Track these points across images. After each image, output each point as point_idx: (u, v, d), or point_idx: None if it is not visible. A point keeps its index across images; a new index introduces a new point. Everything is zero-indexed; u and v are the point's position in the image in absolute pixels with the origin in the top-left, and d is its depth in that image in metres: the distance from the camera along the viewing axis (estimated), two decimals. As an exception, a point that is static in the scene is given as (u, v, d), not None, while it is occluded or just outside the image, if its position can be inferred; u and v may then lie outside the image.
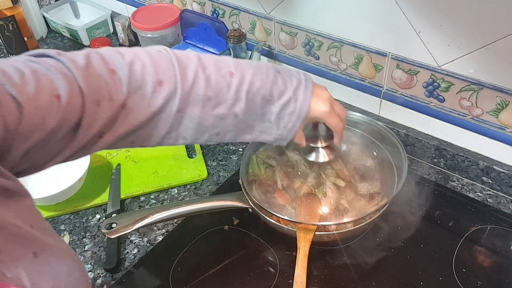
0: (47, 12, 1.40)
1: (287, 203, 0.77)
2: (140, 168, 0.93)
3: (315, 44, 0.97)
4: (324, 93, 0.67)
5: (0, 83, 0.46)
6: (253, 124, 0.65)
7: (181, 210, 0.75)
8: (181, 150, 0.97)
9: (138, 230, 0.81)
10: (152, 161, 0.95)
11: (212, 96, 0.60)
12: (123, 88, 0.55)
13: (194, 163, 0.94)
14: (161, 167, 0.93)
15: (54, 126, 0.49)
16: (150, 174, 0.92)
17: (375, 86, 0.93)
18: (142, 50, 0.59)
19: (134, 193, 0.89)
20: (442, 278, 0.72)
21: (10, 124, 0.45)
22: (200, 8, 1.15)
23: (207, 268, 0.75)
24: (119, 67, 0.56)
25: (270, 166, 0.83)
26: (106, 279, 0.75)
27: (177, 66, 0.58)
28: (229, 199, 0.77)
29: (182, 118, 0.60)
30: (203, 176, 0.92)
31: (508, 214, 0.82)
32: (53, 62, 0.52)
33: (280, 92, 0.63)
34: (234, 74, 0.61)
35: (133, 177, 0.92)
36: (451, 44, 0.77)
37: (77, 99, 0.51)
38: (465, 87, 0.81)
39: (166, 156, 0.95)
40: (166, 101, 0.58)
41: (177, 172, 0.92)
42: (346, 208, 0.75)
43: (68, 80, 0.51)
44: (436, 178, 0.90)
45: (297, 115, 0.64)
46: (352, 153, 0.85)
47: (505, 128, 0.80)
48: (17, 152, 0.47)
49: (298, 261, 0.69)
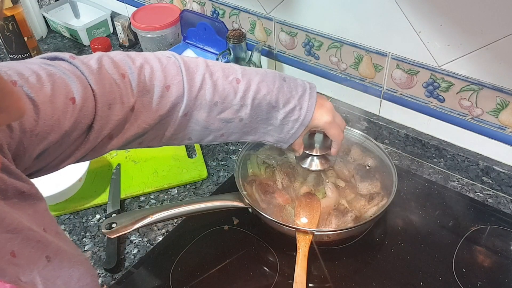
0: (47, 12, 1.40)
1: (287, 203, 0.77)
2: (140, 168, 0.93)
3: (315, 44, 0.97)
4: (327, 104, 0.69)
5: (18, 85, 0.46)
6: (257, 127, 0.66)
7: (181, 210, 0.75)
8: (181, 150, 0.97)
9: (138, 230, 0.81)
10: (152, 161, 0.95)
11: (218, 101, 0.61)
12: (134, 92, 0.56)
13: (194, 163, 0.94)
14: (161, 167, 0.93)
15: (68, 128, 0.50)
16: (150, 174, 0.92)
17: (375, 86, 0.93)
18: (151, 55, 0.61)
19: (134, 193, 0.89)
20: (442, 278, 0.72)
21: (27, 126, 0.46)
22: (200, 8, 1.15)
23: (207, 268, 0.75)
24: (129, 72, 0.57)
25: (270, 166, 0.83)
26: (106, 279, 0.75)
27: (184, 71, 0.59)
28: (229, 199, 0.77)
29: (188, 121, 0.61)
30: (203, 176, 0.92)
31: (508, 214, 0.82)
32: (68, 66, 0.53)
33: (285, 99, 0.64)
34: (240, 81, 0.62)
35: (133, 177, 0.92)
36: (451, 44, 0.77)
37: (90, 102, 0.52)
38: (465, 87, 0.81)
39: (166, 156, 0.95)
40: (173, 105, 0.59)
41: (177, 172, 0.92)
42: (346, 208, 0.75)
43: (82, 84, 0.52)
44: (436, 178, 0.90)
45: (301, 122, 0.66)
46: (352, 153, 0.85)
47: (505, 128, 0.80)
48: (32, 153, 0.48)
49: (298, 261, 0.69)
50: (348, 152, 0.85)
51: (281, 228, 0.73)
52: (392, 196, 0.75)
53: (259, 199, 0.77)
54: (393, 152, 0.96)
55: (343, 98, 1.01)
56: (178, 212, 0.74)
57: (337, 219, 0.74)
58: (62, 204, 0.87)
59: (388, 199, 0.75)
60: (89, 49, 1.35)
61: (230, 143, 1.00)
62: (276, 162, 0.83)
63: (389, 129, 0.95)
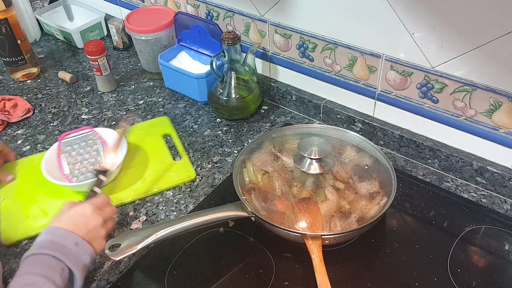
0: (41, 15, 1.39)
1: (288, 209, 0.76)
2: (127, 175, 0.93)
3: (309, 46, 0.97)
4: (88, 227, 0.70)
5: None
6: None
7: (186, 225, 0.74)
8: (166, 155, 0.97)
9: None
10: (139, 167, 0.94)
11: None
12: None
13: (181, 165, 0.95)
14: (148, 173, 0.93)
15: None
16: (138, 180, 0.92)
17: (369, 88, 0.94)
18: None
19: (123, 200, 0.88)
20: (437, 278, 0.72)
21: None
22: (194, 11, 1.15)
23: (203, 271, 0.75)
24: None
25: (266, 172, 0.83)
26: (101, 282, 0.74)
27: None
28: (232, 209, 0.77)
29: None
30: (192, 177, 0.92)
31: (502, 214, 0.82)
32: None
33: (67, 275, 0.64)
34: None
35: (121, 184, 0.91)
36: (444, 46, 0.78)
37: None
38: (458, 88, 0.81)
39: (152, 161, 0.96)
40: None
41: (166, 176, 0.92)
42: (349, 210, 0.75)
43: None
44: (430, 178, 0.90)
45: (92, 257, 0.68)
46: (348, 154, 0.85)
47: (499, 128, 0.81)
48: None
49: (316, 268, 0.70)
50: (344, 154, 0.85)
51: (287, 234, 0.73)
52: (393, 194, 0.75)
53: (259, 207, 0.76)
54: (387, 153, 0.96)
55: (338, 99, 1.01)
56: (182, 227, 0.74)
57: (342, 221, 0.74)
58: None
59: (389, 198, 0.75)
60: (83, 51, 1.35)
61: (225, 145, 1.00)
62: (272, 167, 0.83)
63: (383, 130, 0.95)
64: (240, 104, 1.04)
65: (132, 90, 1.20)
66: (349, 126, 1.00)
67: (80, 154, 0.94)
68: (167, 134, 1.03)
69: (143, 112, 1.12)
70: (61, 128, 1.08)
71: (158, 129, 1.04)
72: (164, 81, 1.17)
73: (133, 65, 1.30)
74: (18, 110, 1.12)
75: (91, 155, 0.94)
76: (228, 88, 1.03)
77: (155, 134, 1.03)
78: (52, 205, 0.87)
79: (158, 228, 0.73)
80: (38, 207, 0.87)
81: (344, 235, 0.74)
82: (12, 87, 1.23)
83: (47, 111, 1.14)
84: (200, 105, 1.13)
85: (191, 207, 0.87)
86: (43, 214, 0.86)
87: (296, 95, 1.06)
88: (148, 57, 1.18)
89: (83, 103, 1.16)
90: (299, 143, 0.82)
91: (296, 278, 0.73)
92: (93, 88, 1.21)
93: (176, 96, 1.16)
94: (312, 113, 1.06)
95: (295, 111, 1.09)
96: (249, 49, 1.03)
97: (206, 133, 1.04)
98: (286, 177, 0.81)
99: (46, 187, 0.89)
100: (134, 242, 0.71)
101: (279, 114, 1.09)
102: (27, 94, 1.20)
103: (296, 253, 0.76)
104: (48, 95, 1.20)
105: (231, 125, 1.06)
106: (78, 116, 1.11)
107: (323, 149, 0.79)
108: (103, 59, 1.13)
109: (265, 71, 1.11)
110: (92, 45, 1.11)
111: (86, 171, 0.91)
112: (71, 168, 0.92)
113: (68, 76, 1.23)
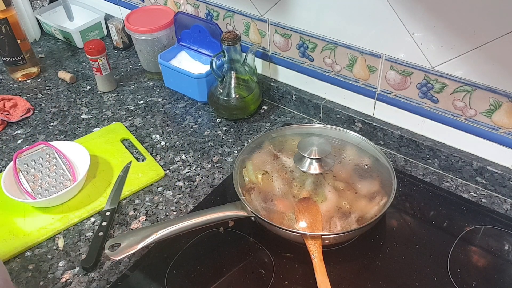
0: (41, 15, 1.39)
1: (287, 209, 0.76)
2: (95, 184, 0.92)
3: (309, 46, 0.97)
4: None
5: None
6: None
7: (186, 225, 0.73)
8: (129, 158, 0.97)
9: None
10: (104, 174, 0.94)
11: None
12: None
13: (146, 165, 0.95)
14: (115, 178, 0.92)
15: None
16: (107, 187, 0.91)
17: (369, 88, 0.94)
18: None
19: (97, 208, 0.86)
20: (437, 278, 0.72)
21: None
22: (194, 10, 1.15)
23: (203, 271, 0.75)
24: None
25: (266, 172, 0.83)
26: (101, 282, 0.75)
27: None
28: (232, 209, 0.77)
29: None
30: (161, 174, 0.93)
31: (502, 214, 0.82)
32: None
33: None
34: None
35: (92, 193, 0.89)
36: (444, 46, 0.78)
37: None
38: (458, 88, 0.81)
39: (116, 166, 0.95)
40: None
41: (134, 178, 0.92)
42: (349, 209, 0.75)
43: None
44: (430, 178, 0.90)
45: None
46: (348, 154, 0.85)
47: (498, 128, 0.81)
48: None
49: (316, 268, 0.69)
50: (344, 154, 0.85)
51: (287, 234, 0.73)
52: (393, 194, 0.75)
53: (259, 207, 0.76)
54: (387, 153, 0.96)
55: (338, 99, 1.01)
56: (182, 227, 0.73)
57: (342, 221, 0.74)
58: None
59: (389, 198, 0.75)
60: (83, 51, 1.35)
61: (225, 145, 1.00)
62: (272, 167, 0.83)
63: (383, 130, 0.95)
64: (240, 104, 1.04)
65: (132, 90, 1.20)
66: (349, 126, 1.00)
67: (38, 171, 0.91)
68: (124, 139, 1.03)
69: (143, 112, 1.12)
70: (61, 128, 1.08)
71: (115, 134, 1.03)
72: (164, 81, 1.17)
73: (133, 65, 1.30)
74: (18, 110, 1.12)
75: (51, 170, 0.91)
76: (228, 88, 1.03)
77: (113, 140, 1.02)
78: (19, 224, 0.84)
79: (158, 228, 0.73)
80: (6, 228, 0.83)
81: (344, 235, 0.74)
82: (12, 87, 1.23)
83: (47, 111, 1.14)
84: (200, 105, 1.13)
85: (191, 207, 0.87)
86: (12, 236, 0.82)
87: (296, 95, 1.06)
88: (148, 57, 1.18)
89: (83, 103, 1.16)
90: (299, 143, 0.82)
91: (296, 278, 0.74)
92: (93, 88, 1.21)
93: (176, 96, 1.16)
94: (312, 113, 1.06)
95: (295, 111, 1.09)
96: (249, 49, 1.03)
97: (206, 133, 1.04)
98: (286, 177, 0.81)
99: (11, 207, 0.86)
100: (134, 242, 0.71)
101: (279, 114, 1.09)
102: (27, 94, 1.20)
103: (296, 253, 0.76)
104: (48, 95, 1.20)
105: (231, 125, 1.06)
106: (78, 116, 1.12)
107: (323, 149, 0.80)
108: (103, 59, 1.13)
109: (265, 71, 1.11)
110: (92, 45, 1.11)
111: (49, 186, 0.89)
112: (32, 186, 0.89)
113: (68, 76, 1.23)
